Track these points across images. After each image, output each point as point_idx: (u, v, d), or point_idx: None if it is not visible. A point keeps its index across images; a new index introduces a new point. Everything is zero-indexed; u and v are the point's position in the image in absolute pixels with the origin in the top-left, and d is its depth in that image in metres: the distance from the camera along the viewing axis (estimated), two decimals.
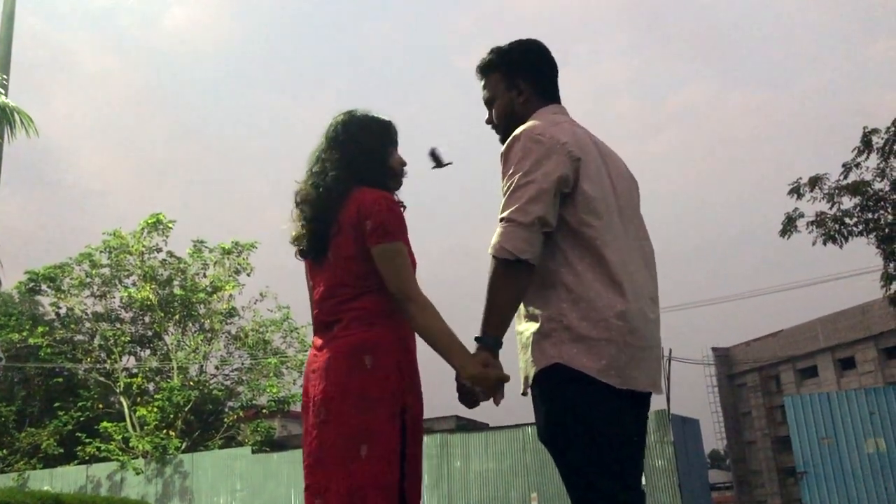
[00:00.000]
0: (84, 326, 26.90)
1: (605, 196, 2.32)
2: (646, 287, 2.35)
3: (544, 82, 2.57)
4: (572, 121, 2.50)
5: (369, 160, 2.47)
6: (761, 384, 47.11)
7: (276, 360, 26.04)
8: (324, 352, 2.39)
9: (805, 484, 19.14)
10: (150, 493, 21.60)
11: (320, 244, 2.41)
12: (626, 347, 2.22)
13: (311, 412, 2.37)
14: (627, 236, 2.35)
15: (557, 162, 2.26)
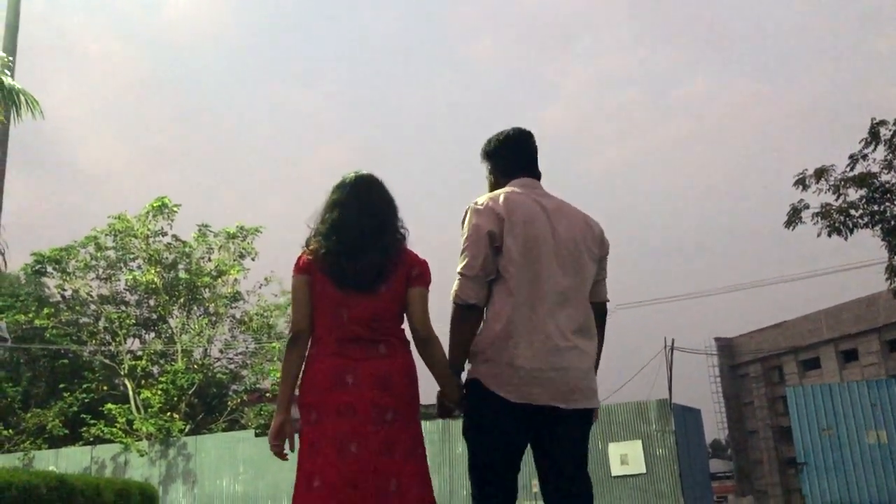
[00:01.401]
0: (89, 309, 27.02)
1: (529, 248, 2.91)
2: (560, 323, 2.90)
3: (504, 165, 3.22)
4: (527, 194, 3.07)
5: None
6: (764, 375, 47.15)
7: (281, 345, 26.14)
8: (374, 364, 2.88)
9: (805, 474, 19.20)
10: (154, 475, 21.76)
11: (379, 279, 2.91)
12: (514, 371, 2.84)
13: (377, 405, 2.84)
14: (549, 281, 2.91)
15: (486, 221, 2.90)
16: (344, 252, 2.90)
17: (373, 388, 2.84)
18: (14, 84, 11.10)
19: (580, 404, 2.97)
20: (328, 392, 2.84)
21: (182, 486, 21.96)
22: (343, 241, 2.91)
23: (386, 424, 2.84)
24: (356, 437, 2.77)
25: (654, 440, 18.57)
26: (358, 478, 2.73)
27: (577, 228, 3.03)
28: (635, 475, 18.41)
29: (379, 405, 2.84)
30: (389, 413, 2.86)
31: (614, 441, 18.78)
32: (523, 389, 2.85)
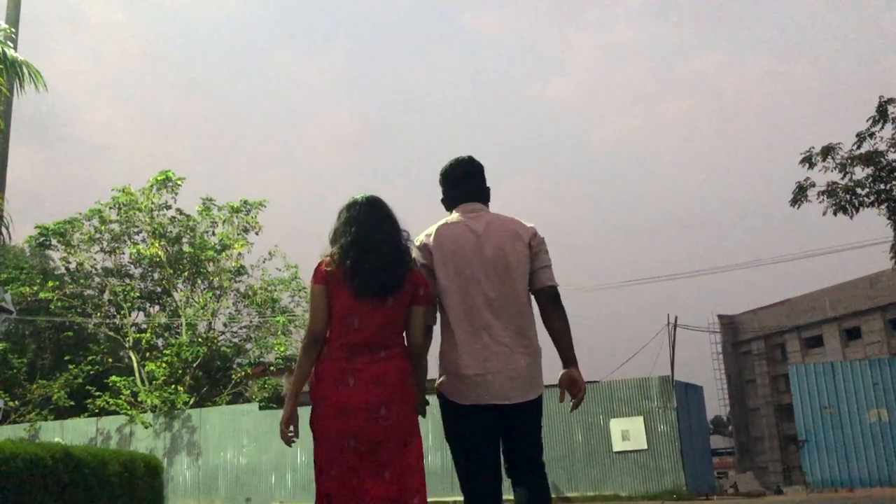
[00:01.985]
0: (94, 281, 27.10)
1: (459, 276, 3.39)
2: (494, 333, 3.36)
3: (447, 196, 3.68)
4: (459, 222, 3.51)
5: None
6: (766, 352, 47.25)
7: (285, 319, 26.24)
8: (383, 368, 3.28)
9: (806, 452, 19.32)
10: (159, 447, 21.95)
11: (392, 292, 3.27)
12: (461, 379, 3.35)
13: (381, 404, 3.23)
14: (478, 301, 3.36)
15: (421, 256, 3.45)
16: (367, 263, 3.25)
17: (369, 386, 3.23)
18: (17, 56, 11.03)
19: (518, 399, 3.38)
20: (333, 390, 3.25)
21: (186, 457, 22.16)
22: (365, 254, 3.26)
23: (380, 420, 3.22)
24: (353, 434, 3.20)
25: (655, 416, 18.66)
26: (357, 467, 3.20)
27: (505, 241, 3.45)
28: (637, 451, 18.53)
29: (371, 403, 3.21)
30: (382, 409, 3.22)
31: (616, 417, 18.88)
32: (469, 394, 3.34)
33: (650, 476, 18.30)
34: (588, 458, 18.93)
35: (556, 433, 19.35)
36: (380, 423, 3.22)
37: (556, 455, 19.15)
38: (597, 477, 18.74)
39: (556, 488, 18.83)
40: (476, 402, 3.35)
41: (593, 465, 18.85)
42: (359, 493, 3.16)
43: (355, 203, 3.40)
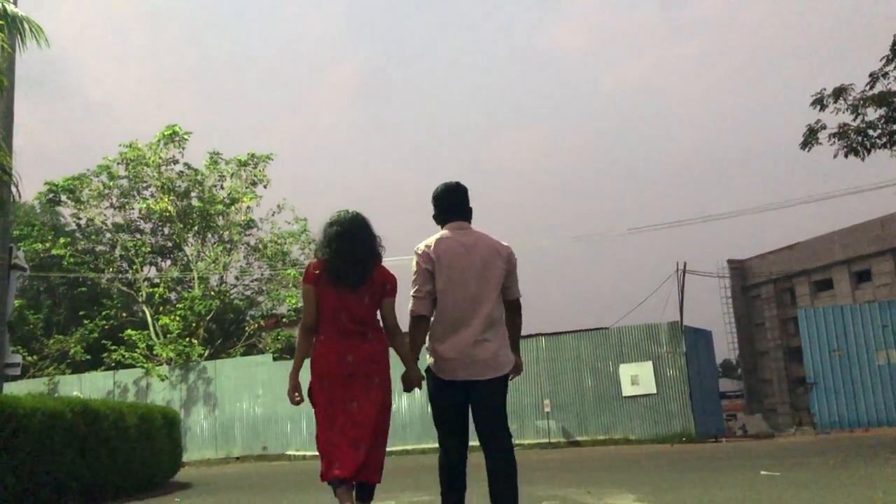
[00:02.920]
0: (105, 237, 27.28)
1: (452, 277, 4.24)
2: (475, 326, 4.20)
3: (439, 213, 4.53)
4: (452, 237, 4.37)
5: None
6: (776, 296, 47.28)
7: (295, 272, 26.40)
8: (365, 347, 4.25)
9: (814, 394, 19.50)
10: (175, 399, 22.34)
11: (362, 282, 4.24)
12: (448, 360, 4.20)
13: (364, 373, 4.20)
14: (466, 298, 4.24)
15: (424, 262, 4.26)
16: (341, 265, 4.21)
17: (366, 363, 4.20)
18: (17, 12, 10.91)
19: (488, 376, 4.24)
20: (336, 366, 4.15)
21: (203, 408, 22.56)
22: (342, 259, 4.22)
23: (375, 386, 4.21)
24: (356, 397, 4.16)
25: (664, 361, 18.83)
26: (357, 419, 4.12)
27: (487, 256, 4.36)
28: (646, 395, 18.75)
29: (369, 375, 4.20)
30: (376, 378, 4.22)
31: (625, 363, 19.06)
32: (450, 372, 4.23)
33: (659, 420, 18.55)
34: (598, 403, 19.17)
35: (567, 380, 19.59)
36: (376, 387, 4.23)
37: (566, 401, 19.41)
38: (606, 421, 19.00)
39: (566, 433, 19.13)
40: (454, 378, 4.24)
41: (603, 409, 19.09)
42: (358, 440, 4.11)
43: (336, 221, 4.33)
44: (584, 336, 20.13)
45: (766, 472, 8.61)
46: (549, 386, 19.61)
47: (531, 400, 19.64)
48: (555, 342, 20.12)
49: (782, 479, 7.71)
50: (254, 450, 21.60)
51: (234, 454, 21.70)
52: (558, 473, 10.11)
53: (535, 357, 19.94)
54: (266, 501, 8.07)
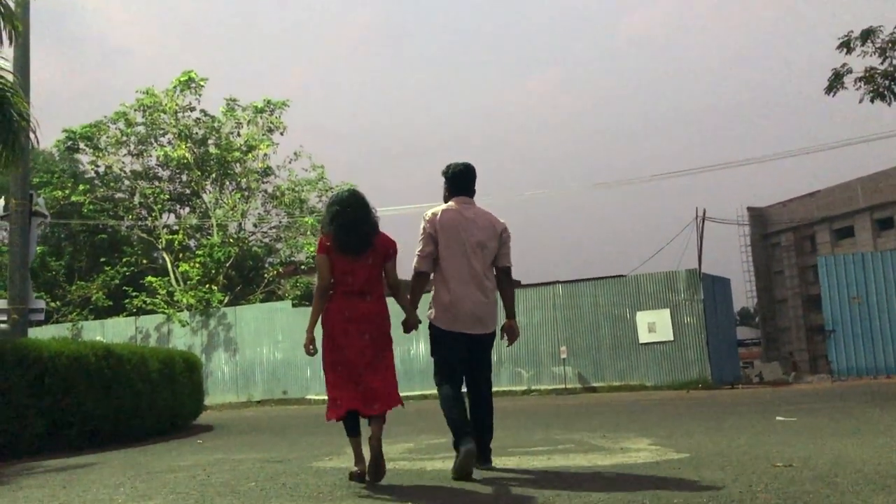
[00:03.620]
0: (123, 185, 27.43)
1: (453, 244, 5.01)
2: (472, 288, 4.99)
3: (450, 188, 5.24)
4: (457, 209, 5.11)
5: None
6: (796, 244, 46.94)
7: (313, 219, 26.47)
8: (362, 306, 4.80)
9: (832, 341, 19.48)
10: (196, 344, 22.68)
11: (365, 250, 4.81)
12: (450, 313, 4.97)
13: (367, 331, 4.78)
14: (465, 263, 5.00)
15: (430, 227, 5.05)
16: (345, 236, 4.80)
17: (360, 321, 4.78)
18: None
19: (480, 331, 5.04)
20: (337, 322, 4.79)
21: (224, 353, 22.91)
22: (345, 231, 4.81)
23: (367, 339, 4.77)
24: (352, 346, 4.76)
25: (682, 309, 18.83)
26: (354, 363, 4.75)
27: (485, 229, 5.11)
28: (663, 342, 18.80)
29: (363, 330, 4.78)
30: (367, 335, 4.78)
31: (643, 310, 19.07)
32: (450, 323, 4.99)
33: (676, 367, 18.63)
34: (614, 349, 19.26)
35: (583, 326, 19.66)
36: (367, 341, 4.78)
37: (582, 347, 19.52)
38: (623, 368, 19.11)
39: (582, 379, 19.28)
40: (452, 329, 5.00)
41: (619, 356, 19.19)
42: (358, 381, 4.72)
43: (338, 199, 4.95)
44: (602, 284, 20.13)
45: (782, 417, 8.65)
46: (565, 333, 19.70)
47: (548, 347, 19.77)
48: (572, 289, 20.14)
49: (798, 424, 7.75)
50: (274, 394, 21.97)
51: (255, 398, 22.09)
52: (574, 418, 10.22)
53: (552, 304, 20.00)
54: (286, 442, 8.23)
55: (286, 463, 6.15)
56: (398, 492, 4.31)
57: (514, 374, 20.01)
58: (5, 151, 9.83)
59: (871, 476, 4.06)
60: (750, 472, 4.37)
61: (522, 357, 19.99)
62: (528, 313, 20.14)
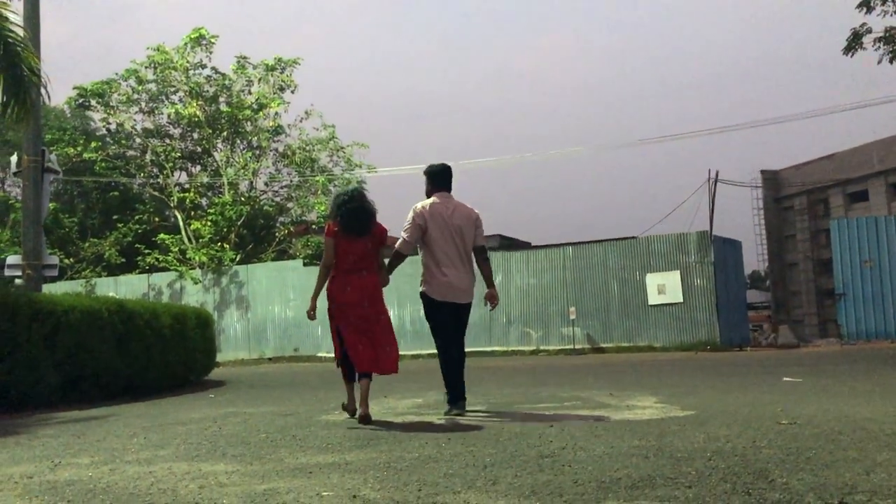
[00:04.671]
0: (135, 142, 27.43)
1: (440, 231, 6.03)
2: (456, 266, 6.04)
3: (432, 184, 6.25)
4: (440, 202, 6.13)
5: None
6: (809, 207, 46.62)
7: (324, 179, 26.46)
8: (364, 280, 5.81)
9: (842, 305, 19.45)
10: (209, 301, 22.86)
11: (366, 232, 5.82)
12: (441, 287, 6.00)
13: (365, 299, 5.77)
14: (449, 246, 6.04)
15: (419, 218, 6.03)
16: (348, 223, 5.80)
17: (358, 291, 5.79)
18: None
19: (463, 300, 6.13)
20: (339, 293, 5.79)
21: (236, 311, 23.11)
22: (350, 217, 5.81)
23: (365, 308, 5.78)
24: (353, 312, 5.77)
25: (692, 271, 18.80)
26: (356, 327, 5.75)
27: (462, 218, 6.13)
28: (672, 304, 18.81)
29: (359, 300, 5.77)
30: (366, 302, 5.79)
31: (653, 272, 19.06)
32: (439, 294, 6.06)
33: (685, 328, 18.66)
34: (623, 310, 19.30)
35: (592, 287, 19.69)
36: (365, 308, 5.78)
37: (591, 308, 19.57)
38: (631, 329, 19.17)
39: (591, 339, 19.37)
40: (442, 299, 6.06)
41: (628, 317, 19.23)
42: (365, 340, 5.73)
43: (344, 192, 5.98)
44: (612, 245, 20.10)
45: (789, 378, 8.69)
46: (575, 294, 19.74)
47: (557, 307, 19.83)
48: (582, 251, 20.13)
49: (804, 384, 7.79)
50: (286, 351, 22.20)
51: (267, 355, 22.32)
52: (581, 377, 10.29)
53: (561, 265, 20.02)
54: (296, 396, 8.34)
55: (296, 416, 6.25)
56: (403, 440, 4.38)
57: (522, 334, 20.11)
58: (16, 107, 9.85)
59: (876, 433, 4.09)
60: (755, 429, 4.41)
61: (531, 317, 20.08)
62: (538, 274, 20.18)
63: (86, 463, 4.09)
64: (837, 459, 3.36)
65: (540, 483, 3.06)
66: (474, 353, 19.66)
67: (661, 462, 3.43)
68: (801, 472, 3.10)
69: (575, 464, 3.46)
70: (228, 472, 3.61)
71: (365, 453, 4.06)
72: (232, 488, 3.19)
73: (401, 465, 3.60)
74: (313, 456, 4.03)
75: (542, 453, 3.80)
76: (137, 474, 3.64)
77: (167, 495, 3.10)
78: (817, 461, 3.33)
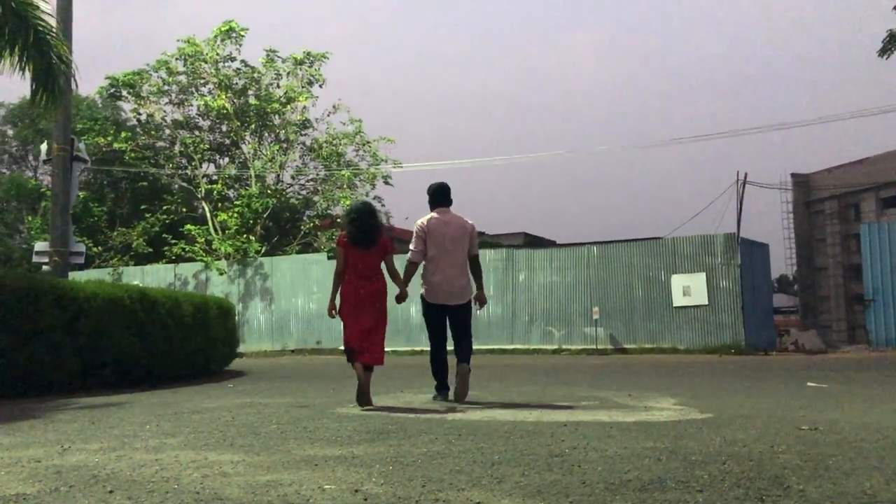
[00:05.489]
0: (164, 133, 27.66)
1: (437, 243, 6.77)
2: (451, 270, 6.75)
3: (432, 201, 6.98)
4: (438, 217, 6.84)
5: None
6: (839, 212, 45.90)
7: (350, 173, 26.49)
8: (373, 286, 6.53)
9: (871, 311, 19.09)
10: (233, 292, 23.00)
11: (373, 242, 6.56)
12: (433, 290, 6.79)
13: (371, 300, 6.49)
14: (444, 255, 6.75)
15: (421, 231, 6.81)
16: (358, 235, 6.58)
17: (368, 295, 6.52)
18: None
19: (457, 302, 6.82)
20: (353, 295, 6.51)
21: (260, 303, 23.23)
22: (360, 231, 6.58)
23: (375, 308, 6.53)
24: (363, 311, 6.49)
25: (718, 273, 18.55)
26: (365, 325, 6.47)
27: (459, 229, 6.85)
28: (697, 306, 18.58)
29: (371, 301, 6.52)
30: (377, 304, 6.53)
31: (678, 273, 18.84)
32: (432, 297, 6.81)
33: (709, 331, 18.43)
34: (647, 311, 19.10)
35: (617, 287, 19.51)
36: (373, 308, 6.53)
37: (615, 308, 19.39)
38: (655, 330, 18.96)
39: (614, 340, 19.19)
40: (436, 302, 6.83)
41: (652, 318, 19.03)
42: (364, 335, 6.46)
43: (354, 208, 6.86)
44: (637, 245, 19.91)
45: (814, 383, 8.51)
46: (598, 294, 19.58)
47: (580, 307, 19.68)
48: (606, 251, 19.96)
49: (829, 390, 7.62)
50: (308, 343, 22.27)
51: (290, 347, 22.41)
52: (601, 377, 10.18)
53: (585, 263, 19.86)
54: (314, 388, 8.34)
55: (311, 408, 6.23)
56: (413, 435, 4.33)
57: (545, 332, 19.99)
58: (45, 95, 9.95)
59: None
60: (773, 434, 4.30)
61: (554, 316, 19.95)
62: (561, 273, 20.04)
63: (95, 448, 4.09)
64: (858, 468, 3.25)
65: (547, 482, 2.99)
66: (496, 350, 19.61)
67: (673, 465, 3.34)
68: (819, 479, 3.00)
69: (585, 464, 3.38)
70: (234, 462, 3.59)
71: (373, 447, 4.01)
72: (235, 478, 3.16)
73: (407, 461, 3.55)
74: (321, 448, 3.99)
75: (552, 452, 3.73)
76: (143, 461, 3.62)
77: (169, 484, 3.08)
78: (836, 469, 3.22)
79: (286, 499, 2.76)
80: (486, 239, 27.10)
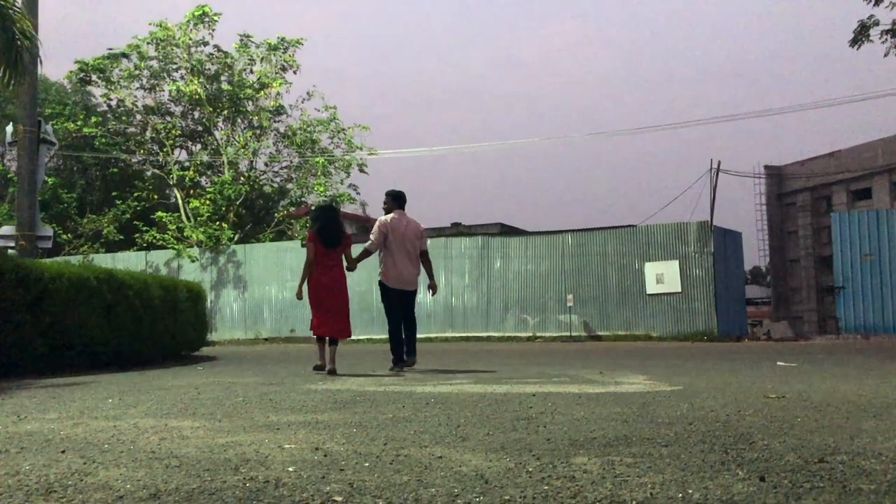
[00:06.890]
0: (135, 119, 27.28)
1: (396, 238, 8.26)
2: (406, 262, 8.28)
3: (390, 205, 8.47)
4: (398, 218, 8.33)
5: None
6: (811, 204, 46.43)
7: (324, 160, 26.30)
8: (334, 273, 7.98)
9: (841, 298, 19.29)
10: (206, 280, 22.74)
11: (338, 242, 8.03)
12: (391, 277, 8.27)
13: (334, 286, 7.94)
14: (401, 249, 8.26)
15: (383, 227, 8.30)
16: (326, 233, 7.90)
17: (331, 282, 7.87)
18: None
19: (409, 288, 8.29)
20: (318, 283, 7.82)
21: (233, 291, 23.00)
22: (327, 229, 7.93)
23: (335, 292, 7.88)
24: (327, 296, 7.84)
25: (691, 261, 18.66)
26: (329, 306, 7.87)
27: (413, 230, 8.30)
28: (670, 294, 18.68)
29: (333, 287, 7.88)
30: (336, 288, 7.89)
31: (651, 261, 18.92)
32: (393, 282, 8.17)
33: (682, 318, 18.54)
34: (621, 299, 19.17)
35: (590, 275, 19.55)
36: (334, 293, 7.85)
37: (589, 295, 19.44)
38: (629, 317, 19.04)
39: (588, 327, 19.25)
40: (395, 287, 8.16)
41: (626, 306, 19.10)
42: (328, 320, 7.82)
43: (322, 208, 8.51)
44: (611, 233, 19.95)
45: (783, 363, 8.57)
46: (573, 281, 19.61)
47: (554, 295, 19.71)
48: (581, 238, 19.98)
49: (799, 368, 7.67)
50: (282, 332, 22.10)
51: (263, 335, 22.23)
52: (574, 359, 10.19)
53: (559, 252, 19.88)
54: (284, 371, 8.25)
55: (279, 385, 6.15)
56: (381, 404, 4.27)
57: (519, 320, 20.01)
58: (9, 71, 9.73)
59: (864, 406, 3.99)
60: (741, 401, 4.30)
61: (529, 304, 19.97)
62: (536, 261, 20.05)
63: (52, 418, 3.99)
64: (823, 426, 3.25)
65: (511, 440, 2.95)
66: (471, 338, 19.60)
67: (640, 426, 3.32)
68: (785, 436, 2.99)
69: (551, 425, 3.35)
70: (194, 427, 3.51)
71: (339, 414, 3.95)
72: (193, 441, 3.08)
73: (372, 425, 3.49)
74: (285, 415, 3.92)
75: (518, 416, 3.70)
76: (101, 428, 3.53)
77: (124, 445, 3.00)
78: (802, 427, 3.22)
79: (244, 456, 2.69)
80: (462, 230, 27.04)
